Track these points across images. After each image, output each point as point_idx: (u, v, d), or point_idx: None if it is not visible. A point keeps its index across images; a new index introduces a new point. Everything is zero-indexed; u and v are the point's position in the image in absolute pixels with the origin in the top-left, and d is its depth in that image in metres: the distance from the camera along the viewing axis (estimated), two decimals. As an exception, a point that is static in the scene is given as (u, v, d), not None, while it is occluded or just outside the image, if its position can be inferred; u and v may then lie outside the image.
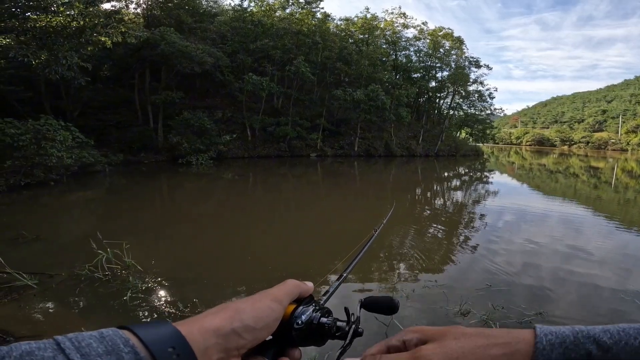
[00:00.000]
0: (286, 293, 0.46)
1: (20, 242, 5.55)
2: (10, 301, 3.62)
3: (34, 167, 10.33)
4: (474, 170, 24.92)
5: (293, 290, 0.48)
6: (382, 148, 28.95)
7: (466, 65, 34.82)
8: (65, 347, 0.29)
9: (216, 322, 0.37)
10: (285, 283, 0.48)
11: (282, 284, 0.48)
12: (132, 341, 0.31)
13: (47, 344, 0.29)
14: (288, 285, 0.48)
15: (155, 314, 3.54)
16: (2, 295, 3.69)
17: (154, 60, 18.36)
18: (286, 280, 0.49)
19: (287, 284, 0.48)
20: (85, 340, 0.30)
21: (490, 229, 7.70)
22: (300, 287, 0.49)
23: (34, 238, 5.75)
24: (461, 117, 37.75)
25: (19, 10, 9.95)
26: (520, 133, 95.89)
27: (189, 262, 5.25)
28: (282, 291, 0.46)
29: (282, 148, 24.41)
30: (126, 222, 7.77)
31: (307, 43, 25.62)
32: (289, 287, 0.48)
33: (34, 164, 10.28)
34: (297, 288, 0.49)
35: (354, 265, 0.54)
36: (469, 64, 34.99)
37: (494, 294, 4.24)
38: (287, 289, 0.47)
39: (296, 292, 0.49)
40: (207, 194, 12.12)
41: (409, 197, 12.87)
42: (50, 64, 10.82)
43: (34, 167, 10.32)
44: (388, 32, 33.28)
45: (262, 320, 0.41)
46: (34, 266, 4.41)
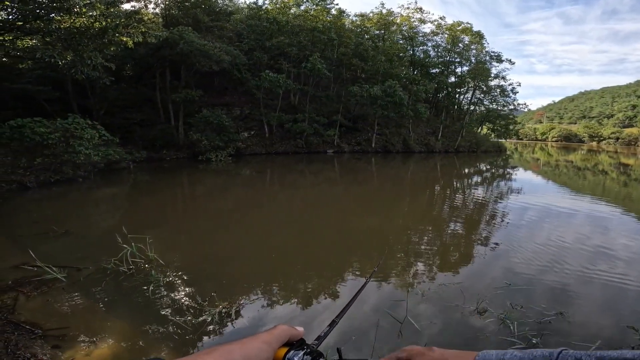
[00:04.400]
0: (276, 337, 0.50)
1: (51, 236, 5.81)
2: (40, 294, 3.79)
3: (63, 164, 10.80)
4: (496, 166, 24.23)
5: (282, 334, 0.52)
6: (400, 144, 28.59)
7: (487, 60, 33.77)
8: None
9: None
10: (275, 328, 0.52)
11: (272, 328, 0.52)
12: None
13: None
14: (278, 330, 0.52)
15: (176, 308, 3.65)
16: (32, 289, 3.87)
17: (173, 60, 18.76)
18: (276, 325, 0.53)
19: (277, 329, 0.52)
20: None
21: (512, 227, 7.48)
22: (290, 331, 0.53)
23: (63, 233, 6.03)
24: (482, 112, 36.71)
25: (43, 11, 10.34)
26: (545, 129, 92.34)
27: (208, 256, 5.38)
28: (272, 335, 0.50)
29: (299, 144, 24.51)
30: (149, 217, 8.03)
31: (322, 40, 25.55)
32: (279, 332, 0.52)
33: (63, 161, 10.75)
34: (286, 332, 0.52)
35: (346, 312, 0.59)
36: (489, 58, 33.91)
37: (513, 293, 4.13)
38: (277, 333, 0.51)
39: (286, 336, 0.52)
40: (226, 190, 12.34)
41: (427, 193, 12.67)
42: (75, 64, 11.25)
43: (63, 164, 10.79)
44: (404, 27, 32.70)
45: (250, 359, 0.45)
46: (63, 260, 4.61)
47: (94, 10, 10.84)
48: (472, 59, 33.69)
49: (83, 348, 2.91)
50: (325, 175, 16.78)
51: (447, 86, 34.89)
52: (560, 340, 3.22)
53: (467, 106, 36.28)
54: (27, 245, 4.63)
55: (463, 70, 34.52)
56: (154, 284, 4.06)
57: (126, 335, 3.12)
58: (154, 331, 3.22)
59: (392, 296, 4.03)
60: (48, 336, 3.02)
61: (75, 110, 14.92)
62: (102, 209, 9.01)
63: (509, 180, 17.02)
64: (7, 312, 3.38)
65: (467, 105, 36.16)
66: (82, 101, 17.22)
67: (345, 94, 26.64)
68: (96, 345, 2.95)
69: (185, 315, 3.43)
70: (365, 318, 3.54)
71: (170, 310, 3.58)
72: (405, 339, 3.20)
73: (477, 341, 3.21)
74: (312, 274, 4.65)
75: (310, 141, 24.69)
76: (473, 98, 35.53)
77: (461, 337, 3.31)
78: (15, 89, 14.22)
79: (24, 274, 4.18)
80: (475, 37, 33.52)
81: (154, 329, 3.26)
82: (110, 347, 2.94)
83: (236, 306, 3.65)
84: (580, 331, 3.38)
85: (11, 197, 9.07)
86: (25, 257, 4.38)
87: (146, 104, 20.63)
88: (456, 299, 3.92)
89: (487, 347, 2.83)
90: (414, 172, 19.25)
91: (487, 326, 3.44)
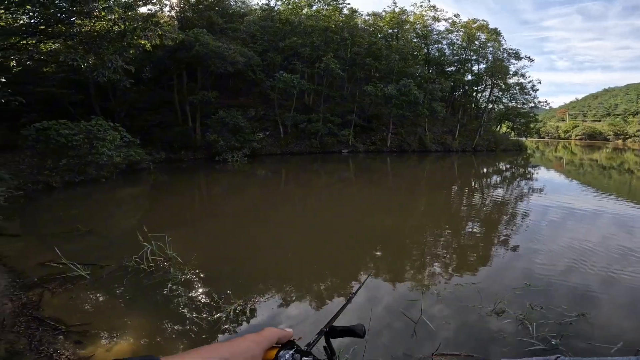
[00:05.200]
0: (264, 337, 0.53)
1: (76, 235, 6.04)
2: (64, 291, 3.94)
3: (87, 165, 11.19)
4: (516, 165, 23.60)
5: (271, 336, 0.55)
6: (416, 143, 28.22)
7: (505, 57, 32.92)
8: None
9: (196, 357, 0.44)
10: (264, 330, 0.56)
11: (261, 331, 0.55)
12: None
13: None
14: (266, 332, 0.55)
15: (193, 305, 3.73)
16: (57, 285, 4.02)
17: (189, 62, 19.13)
18: (265, 328, 0.56)
19: (266, 331, 0.55)
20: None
21: (533, 227, 7.27)
22: (279, 333, 0.56)
23: (87, 231, 6.24)
24: (501, 110, 35.80)
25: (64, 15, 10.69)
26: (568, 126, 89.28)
27: (224, 255, 5.47)
28: (261, 336, 0.53)
29: (313, 144, 24.56)
30: (168, 216, 8.22)
31: (335, 39, 25.52)
32: (268, 333, 0.55)
33: (86, 162, 11.13)
34: (275, 334, 0.56)
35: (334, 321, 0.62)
36: (507, 56, 33.05)
37: (533, 294, 4.03)
38: (266, 334, 0.54)
39: (275, 337, 0.55)
40: (242, 190, 12.50)
41: (444, 193, 12.47)
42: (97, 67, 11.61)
43: (87, 165, 11.18)
44: (418, 25, 32.26)
45: (238, 355, 0.47)
46: (87, 258, 4.77)
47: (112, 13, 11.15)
48: (489, 57, 32.91)
49: (103, 344, 3.00)
50: (340, 175, 16.76)
51: (464, 84, 34.21)
52: (581, 342, 3.13)
53: (485, 104, 35.46)
54: (53, 243, 4.82)
55: (480, 68, 33.78)
56: (172, 282, 4.16)
57: (145, 332, 3.21)
58: (172, 328, 3.30)
59: (407, 296, 4.00)
60: (71, 332, 3.12)
61: (98, 113, 15.43)
62: (124, 209, 9.29)
63: (530, 179, 16.53)
64: (33, 308, 3.52)
65: (485, 104, 35.33)
66: (103, 104, 17.79)
67: (359, 93, 26.52)
68: (116, 342, 3.04)
69: (201, 313, 3.50)
70: (380, 318, 3.52)
71: (187, 307, 3.67)
72: (419, 339, 3.17)
73: (494, 342, 3.15)
74: (326, 274, 4.65)
75: (325, 141, 24.71)
76: (491, 96, 34.69)
77: (476, 337, 3.25)
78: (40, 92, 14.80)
79: (49, 271, 4.35)
80: (492, 35, 32.75)
81: (171, 326, 3.35)
82: (130, 343, 3.02)
83: (251, 304, 3.70)
84: (601, 333, 3.27)
85: (38, 197, 9.48)
86: (51, 255, 4.56)
87: (164, 106, 21.13)
88: (473, 300, 3.85)
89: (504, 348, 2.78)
90: (430, 171, 18.97)
91: (504, 327, 3.37)
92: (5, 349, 2.67)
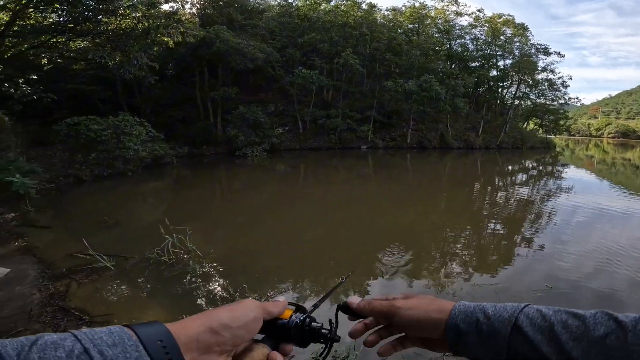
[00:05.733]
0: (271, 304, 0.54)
1: (103, 227, 6.30)
2: (90, 282, 4.10)
3: (114, 159, 11.64)
4: (544, 164, 22.70)
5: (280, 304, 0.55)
6: (437, 140, 27.59)
7: (532, 52, 31.55)
8: (81, 339, 0.35)
9: (197, 322, 0.44)
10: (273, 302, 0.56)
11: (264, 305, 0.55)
12: (133, 337, 0.38)
13: (67, 336, 0.35)
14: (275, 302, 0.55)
15: (209, 298, 3.82)
16: (84, 276, 4.19)
17: (210, 58, 19.48)
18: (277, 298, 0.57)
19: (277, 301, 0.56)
20: (97, 334, 0.36)
21: (559, 228, 6.99)
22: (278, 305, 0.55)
23: (114, 223, 6.51)
24: (529, 107, 34.44)
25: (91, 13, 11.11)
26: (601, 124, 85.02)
27: (242, 249, 5.57)
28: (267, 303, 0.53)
29: (332, 140, 24.51)
30: (189, 209, 8.44)
31: (354, 35, 25.25)
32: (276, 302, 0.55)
33: (114, 157, 11.58)
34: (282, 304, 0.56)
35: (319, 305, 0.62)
36: (535, 51, 31.65)
37: (554, 297, 3.89)
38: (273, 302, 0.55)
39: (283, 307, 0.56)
40: (261, 184, 12.67)
41: (466, 190, 12.17)
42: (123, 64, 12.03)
43: (114, 159, 11.63)
44: (440, 20, 31.39)
45: (238, 319, 0.46)
46: (112, 249, 4.95)
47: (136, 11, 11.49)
48: (515, 52, 31.63)
49: None
50: (359, 171, 16.67)
51: (488, 80, 33.09)
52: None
53: (511, 100, 34.17)
54: (82, 235, 5.05)
55: (506, 64, 32.58)
56: (191, 274, 4.28)
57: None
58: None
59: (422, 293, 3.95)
60: (94, 322, 3.24)
61: (125, 109, 15.97)
62: (149, 202, 9.61)
63: (558, 178, 15.86)
64: (60, 298, 3.68)
65: (511, 100, 34.03)
66: (130, 100, 18.42)
67: (378, 89, 26.16)
68: None
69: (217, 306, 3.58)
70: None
71: (204, 300, 3.76)
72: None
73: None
74: (342, 271, 4.65)
75: (344, 137, 24.60)
76: (518, 92, 33.36)
77: None
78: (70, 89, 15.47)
79: (77, 262, 4.55)
80: (519, 30, 31.44)
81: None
82: None
83: (265, 298, 3.75)
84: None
85: (69, 190, 9.95)
86: (79, 246, 4.77)
87: (187, 102, 21.63)
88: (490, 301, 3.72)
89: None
90: (451, 168, 18.55)
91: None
92: None
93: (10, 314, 3.28)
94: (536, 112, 33.72)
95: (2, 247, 5.10)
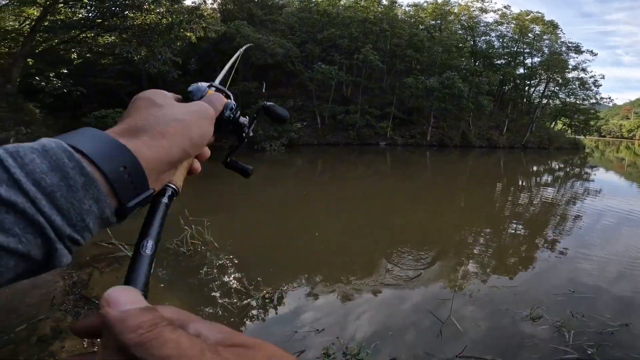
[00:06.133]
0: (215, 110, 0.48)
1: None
2: (111, 270, 4.19)
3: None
4: (572, 165, 21.78)
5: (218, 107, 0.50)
6: (458, 138, 26.92)
7: (563, 50, 30.19)
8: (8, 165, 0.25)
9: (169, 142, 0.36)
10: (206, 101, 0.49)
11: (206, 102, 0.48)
12: (77, 156, 0.28)
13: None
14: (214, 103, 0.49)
15: (224, 290, 3.88)
16: (106, 265, 4.30)
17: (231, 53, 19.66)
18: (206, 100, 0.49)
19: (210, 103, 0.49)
20: (27, 155, 0.26)
21: (585, 232, 6.72)
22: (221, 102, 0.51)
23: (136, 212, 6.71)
24: (557, 106, 33.04)
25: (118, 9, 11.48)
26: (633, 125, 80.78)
27: (258, 242, 5.62)
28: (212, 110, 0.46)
29: (350, 136, 24.37)
30: (207, 201, 8.59)
31: (374, 31, 24.90)
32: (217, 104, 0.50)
33: (137, 148, 11.95)
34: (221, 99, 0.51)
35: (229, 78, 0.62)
36: (566, 49, 30.27)
37: (576, 301, 3.75)
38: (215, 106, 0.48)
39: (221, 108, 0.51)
40: (279, 179, 12.76)
41: (487, 190, 11.85)
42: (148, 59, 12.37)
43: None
44: (464, 17, 30.42)
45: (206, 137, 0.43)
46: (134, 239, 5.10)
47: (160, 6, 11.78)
48: (544, 50, 30.39)
49: None
50: (377, 167, 16.51)
51: (515, 78, 31.93)
52: (618, 352, 2.92)
53: (538, 99, 32.86)
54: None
55: (534, 62, 31.29)
56: (207, 266, 4.37)
57: None
58: (204, 312, 3.46)
59: (437, 295, 3.88)
60: None
61: (148, 102, 16.42)
62: (167, 193, 9.86)
63: (585, 180, 15.19)
64: (82, 286, 3.77)
65: (539, 99, 32.72)
66: (154, 94, 18.93)
67: (399, 85, 25.76)
68: None
69: (232, 298, 3.63)
70: (406, 315, 3.45)
71: (219, 292, 3.83)
72: (445, 340, 3.08)
73: (524, 348, 2.99)
74: (356, 268, 4.63)
75: (362, 133, 24.41)
76: (546, 91, 32.04)
77: (506, 342, 3.09)
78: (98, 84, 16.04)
79: (101, 251, 4.70)
80: (548, 27, 30.15)
81: (203, 309, 3.50)
82: None
83: (279, 292, 3.78)
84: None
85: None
86: (104, 234, 4.93)
87: (207, 96, 22.06)
88: (508, 303, 3.66)
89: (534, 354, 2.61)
90: (473, 167, 18.08)
91: (538, 333, 3.17)
92: (50, 327, 2.87)
93: (33, 301, 3.36)
94: (565, 111, 32.34)
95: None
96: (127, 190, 0.31)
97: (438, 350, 2.93)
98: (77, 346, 2.68)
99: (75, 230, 0.28)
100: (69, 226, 0.27)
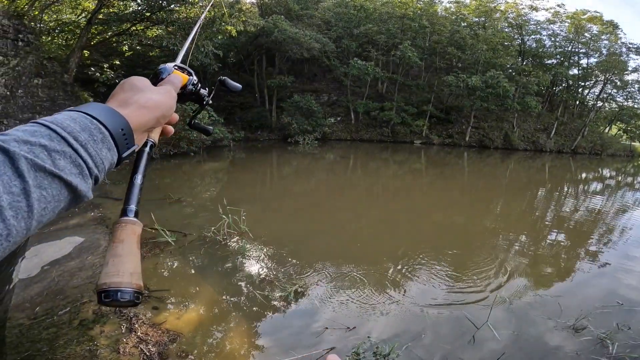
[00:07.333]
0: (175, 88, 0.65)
1: (167, 202, 6.82)
2: (152, 256, 4.35)
3: (180, 140, 12.56)
4: (625, 174, 20.04)
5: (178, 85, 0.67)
6: (500, 139, 25.60)
7: (623, 52, 27.63)
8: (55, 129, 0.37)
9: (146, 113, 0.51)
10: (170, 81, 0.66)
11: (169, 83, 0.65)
12: (95, 121, 0.42)
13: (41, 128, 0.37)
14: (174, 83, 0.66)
15: (257, 281, 3.94)
16: (148, 250, 4.47)
17: (268, 47, 20.01)
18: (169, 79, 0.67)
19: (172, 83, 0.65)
20: (64, 121, 0.39)
21: (634, 244, 6.22)
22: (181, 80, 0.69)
23: (176, 200, 7.04)
24: (614, 110, 30.44)
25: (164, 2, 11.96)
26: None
27: (292, 235, 5.69)
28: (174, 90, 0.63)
29: (384, 133, 23.97)
30: (243, 191, 8.84)
31: (413, 27, 24.10)
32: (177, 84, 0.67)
33: (180, 137, 12.49)
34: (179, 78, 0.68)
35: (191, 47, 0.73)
36: (627, 50, 27.68)
37: (624, 314, 3.53)
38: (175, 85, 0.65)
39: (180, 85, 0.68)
40: (312, 172, 12.85)
41: (528, 195, 11.21)
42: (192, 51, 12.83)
43: (180, 139, 12.55)
44: (511, 14, 28.49)
45: (171, 109, 0.58)
46: (174, 225, 5.28)
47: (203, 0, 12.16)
48: (602, 51, 27.92)
49: (175, 311, 3.22)
50: (411, 166, 16.13)
51: (567, 79, 29.68)
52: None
53: (592, 102, 30.39)
54: (149, 209, 5.50)
55: (590, 62, 28.88)
56: (241, 256, 4.49)
57: (212, 303, 3.46)
58: (236, 301, 3.54)
59: (474, 299, 3.75)
60: (151, 297, 3.37)
61: (190, 94, 17.09)
62: (207, 181, 10.24)
63: (638, 190, 13.95)
64: None
65: (594, 101, 30.26)
66: (195, 86, 19.67)
67: (437, 83, 24.89)
68: (186, 310, 3.28)
69: (263, 290, 3.69)
70: (440, 318, 3.37)
71: (252, 282, 3.91)
72: (478, 346, 2.97)
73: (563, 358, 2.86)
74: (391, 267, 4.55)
75: (397, 130, 23.92)
76: (602, 93, 29.56)
77: (545, 352, 2.95)
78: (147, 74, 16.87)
79: (144, 235, 4.95)
80: (607, 27, 27.61)
81: (236, 299, 3.59)
82: (197, 313, 3.25)
83: (312, 287, 3.81)
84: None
85: (139, 166, 10.93)
86: (147, 219, 5.17)
87: (245, 89, 22.53)
88: (550, 313, 3.48)
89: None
90: (515, 171, 17.14)
91: (580, 344, 3.02)
92: (92, 310, 2.96)
93: (78, 283, 3.41)
94: (622, 116, 29.71)
95: (80, 217, 5.51)
96: (122, 145, 0.45)
97: (472, 357, 2.84)
98: (116, 331, 2.74)
99: (98, 171, 0.41)
100: (95, 167, 0.40)
